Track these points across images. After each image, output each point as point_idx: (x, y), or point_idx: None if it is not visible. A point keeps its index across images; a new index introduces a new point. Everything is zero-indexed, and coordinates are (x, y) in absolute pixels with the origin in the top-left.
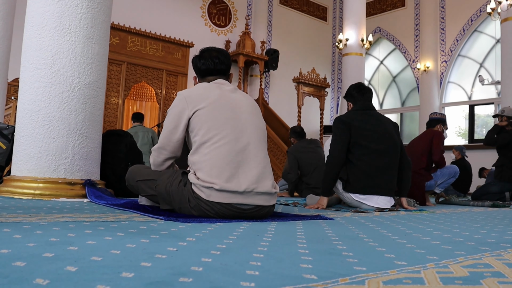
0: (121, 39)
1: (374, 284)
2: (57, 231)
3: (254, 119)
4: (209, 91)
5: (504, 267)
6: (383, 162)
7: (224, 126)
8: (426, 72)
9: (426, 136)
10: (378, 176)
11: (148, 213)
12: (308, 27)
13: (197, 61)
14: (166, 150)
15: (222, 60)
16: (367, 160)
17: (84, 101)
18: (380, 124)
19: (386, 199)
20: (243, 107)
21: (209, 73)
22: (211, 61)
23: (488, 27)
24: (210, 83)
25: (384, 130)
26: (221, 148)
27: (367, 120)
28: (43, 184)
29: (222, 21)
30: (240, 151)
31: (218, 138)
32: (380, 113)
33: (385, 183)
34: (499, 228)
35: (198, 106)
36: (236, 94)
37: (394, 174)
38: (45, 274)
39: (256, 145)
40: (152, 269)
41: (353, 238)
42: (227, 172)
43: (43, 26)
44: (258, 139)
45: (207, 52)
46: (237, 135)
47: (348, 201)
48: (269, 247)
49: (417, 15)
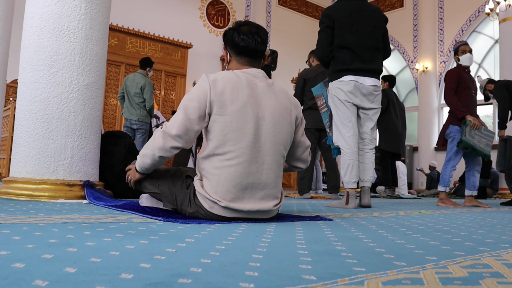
0: (120, 40)
1: (373, 285)
2: (56, 232)
3: (276, 134)
4: (238, 90)
5: (503, 268)
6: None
7: (243, 142)
8: (425, 73)
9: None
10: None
11: (147, 214)
12: (306, 28)
13: (235, 34)
14: (182, 139)
15: (264, 39)
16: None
17: (83, 102)
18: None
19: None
20: (270, 115)
21: (247, 52)
22: (252, 38)
23: (486, 28)
24: (242, 75)
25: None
26: (234, 168)
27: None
28: (42, 185)
29: (221, 22)
30: (253, 172)
31: (233, 155)
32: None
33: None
34: (498, 229)
35: (222, 108)
36: (268, 94)
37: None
38: (44, 275)
39: (271, 166)
40: (151, 270)
41: (352, 238)
42: (233, 194)
43: (41, 27)
44: (275, 160)
45: (247, 26)
46: (254, 155)
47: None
48: (268, 248)
49: (415, 15)
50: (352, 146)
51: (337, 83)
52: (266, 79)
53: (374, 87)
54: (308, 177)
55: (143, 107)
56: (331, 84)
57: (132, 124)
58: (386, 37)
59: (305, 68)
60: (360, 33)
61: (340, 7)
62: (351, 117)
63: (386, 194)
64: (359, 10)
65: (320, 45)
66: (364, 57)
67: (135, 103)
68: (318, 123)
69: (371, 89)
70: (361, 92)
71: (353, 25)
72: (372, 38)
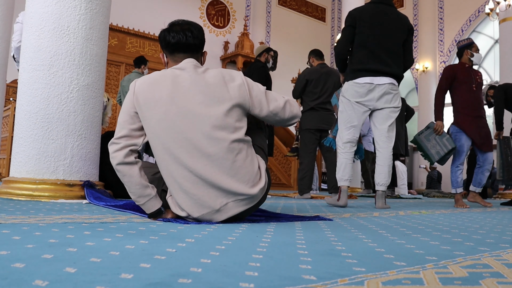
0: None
1: (373, 285)
2: (56, 232)
3: (212, 121)
4: (156, 90)
5: (503, 268)
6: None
7: (179, 143)
8: (425, 73)
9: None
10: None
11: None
12: (306, 28)
13: (166, 33)
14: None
15: (196, 34)
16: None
17: (83, 102)
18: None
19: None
20: (198, 105)
21: (179, 48)
22: (183, 34)
23: (486, 28)
24: (169, 71)
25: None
26: (179, 171)
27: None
28: (42, 185)
29: (221, 22)
30: (202, 167)
31: (172, 159)
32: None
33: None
34: (498, 229)
35: (145, 114)
36: (195, 84)
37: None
38: (45, 275)
39: (219, 154)
40: (151, 270)
41: (352, 238)
42: (194, 199)
43: (41, 28)
44: (221, 149)
45: (178, 25)
46: (195, 153)
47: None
48: (268, 248)
49: (415, 15)
50: (348, 147)
51: (352, 84)
52: (195, 69)
53: (391, 86)
54: (308, 177)
55: None
56: (346, 84)
57: None
58: (408, 46)
59: (307, 68)
60: (381, 35)
61: (365, 8)
62: (355, 120)
63: (386, 194)
64: (383, 14)
65: (340, 42)
66: (381, 59)
67: None
68: (319, 123)
69: (387, 87)
70: (377, 93)
71: (374, 26)
72: (392, 42)
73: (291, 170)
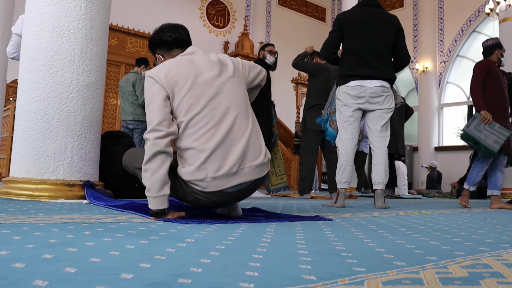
0: (120, 40)
1: (373, 285)
2: (56, 233)
3: (236, 87)
4: (181, 69)
5: (503, 268)
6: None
7: (207, 108)
8: (425, 73)
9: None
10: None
11: (147, 214)
12: (306, 28)
13: (161, 34)
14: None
15: (186, 32)
16: None
17: (82, 102)
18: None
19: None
20: (222, 77)
21: (177, 44)
22: (177, 31)
23: (486, 28)
24: (179, 57)
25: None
26: (208, 133)
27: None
28: (42, 185)
29: (221, 22)
30: (228, 130)
31: (203, 123)
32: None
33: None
34: (498, 229)
35: (175, 90)
36: (207, 63)
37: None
38: (44, 275)
39: (242, 118)
40: (151, 270)
41: (352, 238)
42: (217, 158)
43: (41, 28)
44: (242, 109)
45: (168, 26)
46: (221, 116)
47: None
48: (268, 248)
49: (415, 15)
50: (348, 147)
51: (344, 88)
52: (201, 51)
53: (381, 88)
54: (309, 178)
55: (137, 105)
56: (338, 89)
57: (129, 124)
58: (401, 46)
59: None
60: (369, 40)
61: (353, 12)
62: (351, 120)
63: (386, 194)
64: (371, 17)
65: (325, 45)
66: (370, 64)
67: (129, 101)
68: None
69: (377, 90)
70: (367, 95)
71: (362, 31)
72: (381, 45)
73: (291, 170)
